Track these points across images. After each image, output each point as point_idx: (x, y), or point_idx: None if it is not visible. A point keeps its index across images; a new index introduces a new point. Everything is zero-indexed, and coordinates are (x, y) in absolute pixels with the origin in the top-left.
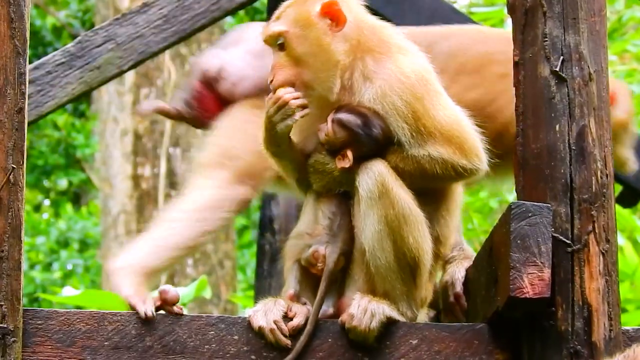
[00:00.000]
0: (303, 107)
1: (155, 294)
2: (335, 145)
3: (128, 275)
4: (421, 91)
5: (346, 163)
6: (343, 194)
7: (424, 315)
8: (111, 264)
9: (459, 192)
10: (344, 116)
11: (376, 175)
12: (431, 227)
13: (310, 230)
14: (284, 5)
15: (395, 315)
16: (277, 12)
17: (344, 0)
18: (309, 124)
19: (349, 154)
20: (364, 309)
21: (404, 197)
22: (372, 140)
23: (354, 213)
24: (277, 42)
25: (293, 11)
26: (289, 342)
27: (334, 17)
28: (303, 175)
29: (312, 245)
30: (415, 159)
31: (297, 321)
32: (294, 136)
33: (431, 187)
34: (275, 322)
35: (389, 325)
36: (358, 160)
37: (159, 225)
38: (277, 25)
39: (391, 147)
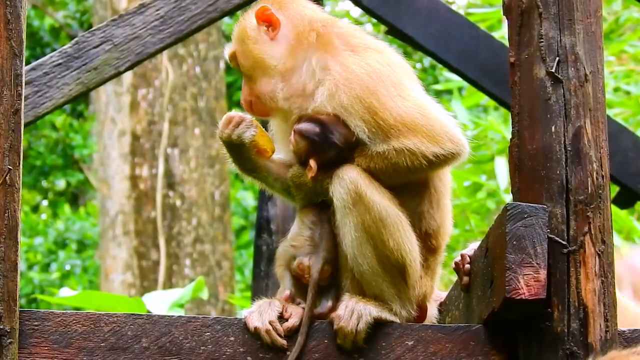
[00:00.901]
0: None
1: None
2: (301, 157)
3: None
4: (373, 84)
5: (312, 172)
6: (322, 203)
7: (434, 309)
8: None
9: (445, 182)
10: (302, 126)
11: (348, 183)
12: (418, 223)
13: (294, 242)
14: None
15: (385, 315)
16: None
17: (278, 3)
18: (285, 138)
19: (312, 163)
20: (350, 310)
21: (380, 200)
22: (331, 146)
23: (334, 221)
24: (235, 64)
25: (236, 29)
26: (284, 342)
27: (267, 22)
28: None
29: (297, 257)
30: (383, 156)
31: (292, 322)
32: (277, 153)
33: (412, 180)
34: (270, 322)
35: (383, 326)
36: (328, 168)
37: None
38: (228, 47)
39: (358, 148)
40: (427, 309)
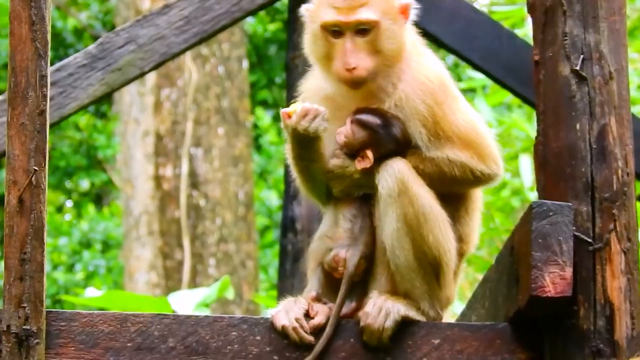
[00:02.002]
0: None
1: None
2: (354, 147)
3: None
4: (441, 96)
5: (367, 163)
6: (363, 197)
7: (449, 316)
8: None
9: (479, 192)
10: (363, 116)
11: (396, 172)
12: (452, 227)
13: (331, 234)
14: None
15: (412, 314)
16: None
17: None
18: (332, 139)
19: (369, 154)
20: (379, 308)
21: (424, 195)
22: (392, 139)
23: (375, 213)
24: (360, 28)
25: (383, 2)
26: (312, 338)
27: (406, 13)
28: (324, 184)
29: (333, 249)
30: (434, 162)
31: (318, 320)
32: None
33: (451, 191)
34: (297, 319)
35: (410, 325)
36: (377, 161)
37: None
38: (369, 13)
39: (410, 149)
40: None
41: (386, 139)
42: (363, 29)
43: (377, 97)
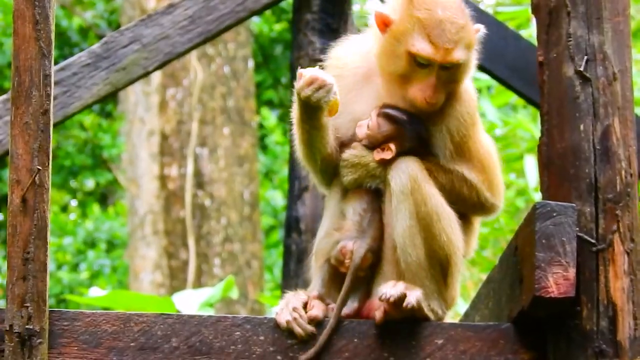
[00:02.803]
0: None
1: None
2: (377, 140)
3: None
4: (474, 117)
5: (387, 155)
6: (374, 191)
7: (451, 316)
8: None
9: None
10: (391, 111)
11: (410, 170)
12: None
13: (338, 226)
14: (457, 27)
15: (425, 306)
16: (453, 35)
17: None
18: (347, 119)
19: (393, 147)
20: (401, 291)
21: (436, 194)
22: (416, 136)
23: (385, 209)
24: (451, 67)
25: (468, 35)
26: (312, 328)
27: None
28: (330, 166)
29: (341, 241)
30: (449, 172)
31: (315, 312)
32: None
33: (452, 206)
34: (295, 309)
35: (413, 325)
36: (395, 157)
37: None
38: (461, 53)
39: (427, 155)
40: None
41: (411, 134)
42: (453, 67)
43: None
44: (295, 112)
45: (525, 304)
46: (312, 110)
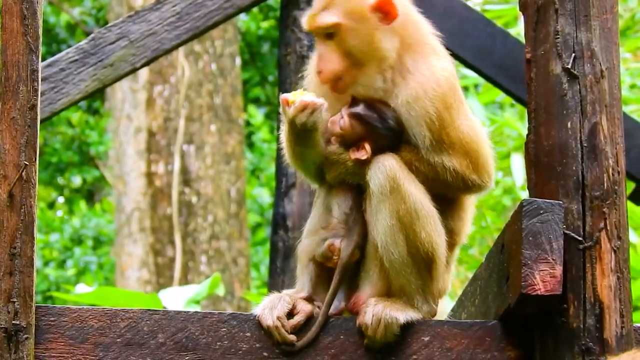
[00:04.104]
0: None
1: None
2: (352, 139)
3: None
4: (451, 100)
5: (363, 155)
6: (358, 188)
7: (444, 305)
8: None
9: None
10: (360, 110)
11: (387, 169)
12: (445, 221)
13: (324, 224)
14: None
15: (410, 316)
16: (321, 2)
17: None
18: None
19: (367, 147)
20: (378, 320)
21: (415, 192)
22: (389, 132)
23: (366, 208)
24: (327, 32)
25: (349, 4)
26: (294, 338)
27: (385, 11)
28: (321, 167)
29: (328, 239)
30: (429, 162)
31: (297, 319)
32: None
33: (439, 193)
34: (278, 318)
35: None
36: (374, 153)
37: None
38: (329, 16)
39: (407, 145)
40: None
41: (384, 132)
42: (329, 33)
43: (379, 95)
44: (286, 136)
45: (511, 301)
46: (308, 133)
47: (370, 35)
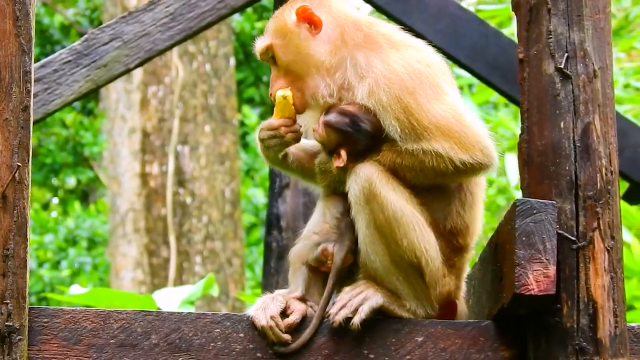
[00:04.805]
0: (296, 139)
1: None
2: (331, 147)
3: None
4: (412, 85)
5: (340, 162)
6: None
7: (462, 307)
8: None
9: (479, 183)
10: (332, 118)
11: (362, 180)
12: (443, 222)
13: (318, 229)
14: (269, 22)
15: (394, 308)
16: (265, 31)
17: (317, 2)
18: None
19: (343, 153)
20: (359, 291)
21: (395, 200)
22: (363, 135)
23: (352, 215)
24: (269, 56)
25: (273, 23)
26: (288, 337)
27: (309, 21)
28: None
29: (321, 244)
30: (411, 154)
31: (293, 318)
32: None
33: (438, 182)
34: (272, 317)
35: (393, 322)
36: (356, 157)
37: None
38: (262, 40)
39: (387, 142)
40: (458, 306)
41: (357, 136)
42: (272, 57)
43: (337, 100)
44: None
45: (505, 301)
46: (274, 154)
47: (299, 47)
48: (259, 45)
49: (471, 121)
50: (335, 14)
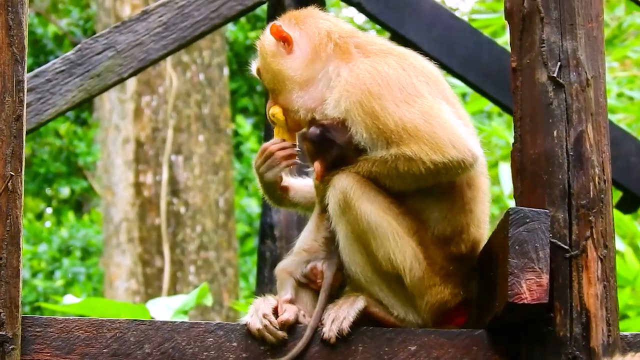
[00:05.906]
0: (289, 157)
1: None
2: (311, 159)
3: None
4: (377, 89)
5: (316, 174)
6: None
7: None
8: None
9: (475, 187)
10: (306, 130)
11: (338, 192)
12: (433, 228)
13: (307, 247)
14: None
15: (377, 311)
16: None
17: (291, 19)
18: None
19: (317, 165)
20: (347, 298)
21: (370, 211)
22: (331, 145)
23: None
24: (260, 79)
25: (257, 45)
26: (284, 334)
27: (282, 39)
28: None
29: (310, 262)
30: (383, 161)
31: (286, 316)
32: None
33: (423, 186)
34: (264, 315)
35: (386, 331)
36: (337, 169)
37: None
38: (254, 63)
39: (363, 153)
40: (468, 313)
41: (325, 146)
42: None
43: (314, 114)
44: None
45: (498, 310)
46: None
47: (272, 65)
48: (252, 69)
49: (442, 120)
50: (309, 29)
